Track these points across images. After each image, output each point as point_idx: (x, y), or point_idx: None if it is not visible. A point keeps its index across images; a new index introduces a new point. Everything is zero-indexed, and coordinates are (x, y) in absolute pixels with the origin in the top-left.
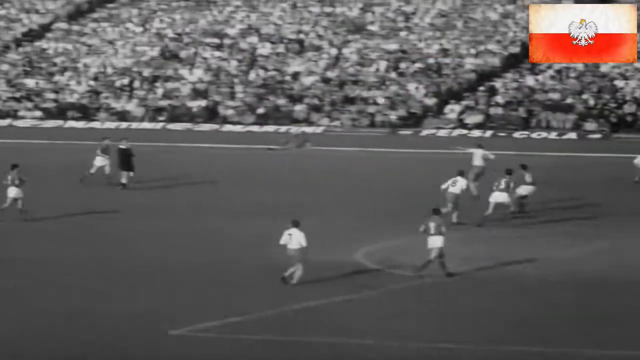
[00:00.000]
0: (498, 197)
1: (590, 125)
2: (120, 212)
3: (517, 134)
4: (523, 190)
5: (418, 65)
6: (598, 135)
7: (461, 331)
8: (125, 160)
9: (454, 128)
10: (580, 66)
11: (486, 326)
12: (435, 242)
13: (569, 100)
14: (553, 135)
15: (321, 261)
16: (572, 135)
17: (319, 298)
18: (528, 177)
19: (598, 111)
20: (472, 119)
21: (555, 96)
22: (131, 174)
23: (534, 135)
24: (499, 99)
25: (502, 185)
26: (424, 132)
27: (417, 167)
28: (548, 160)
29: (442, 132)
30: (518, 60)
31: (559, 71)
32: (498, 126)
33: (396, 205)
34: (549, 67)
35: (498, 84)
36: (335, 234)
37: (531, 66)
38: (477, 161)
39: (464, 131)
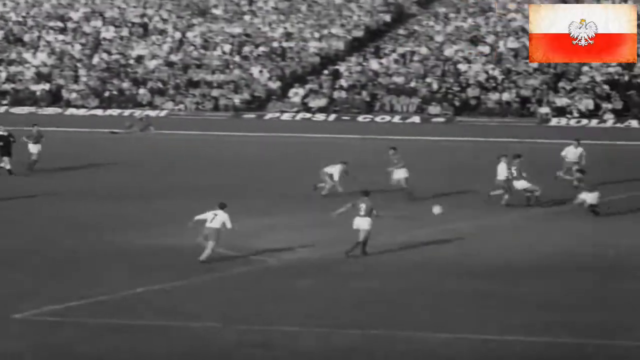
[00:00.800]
0: (522, 184)
1: (433, 109)
2: None
3: (360, 118)
4: (400, 173)
5: (262, 49)
6: (442, 119)
7: (304, 315)
8: (4, 146)
9: (297, 112)
10: (423, 50)
11: (324, 309)
12: (362, 223)
13: (412, 84)
14: (397, 118)
15: (167, 245)
16: (416, 118)
17: (163, 282)
18: (394, 159)
19: (442, 95)
20: (316, 102)
21: (399, 80)
22: (5, 159)
23: (378, 119)
24: (343, 82)
25: (514, 172)
26: (268, 116)
27: (260, 151)
28: (391, 144)
29: (285, 116)
30: (362, 44)
31: (402, 55)
32: (342, 110)
33: (241, 189)
34: (393, 50)
35: (342, 67)
36: (181, 217)
37: (375, 50)
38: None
39: (308, 115)
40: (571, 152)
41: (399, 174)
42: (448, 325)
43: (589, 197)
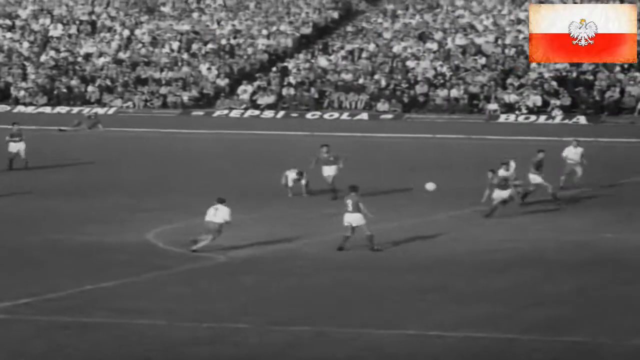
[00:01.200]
0: (535, 179)
1: (382, 106)
2: None
3: (309, 115)
4: (330, 170)
5: (210, 46)
6: (390, 116)
7: (252, 312)
8: None
9: (246, 109)
10: (371, 47)
11: (273, 306)
12: (352, 219)
13: (361, 81)
14: (345, 115)
15: (115, 242)
16: (364, 115)
17: (111, 279)
18: (329, 157)
19: (390, 91)
20: (265, 99)
21: (347, 77)
22: None
23: (326, 115)
24: (291, 79)
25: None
26: (217, 113)
27: (209, 148)
28: (340, 141)
29: (234, 113)
30: (310, 41)
31: (351, 52)
32: (290, 107)
33: (190, 186)
34: (341, 47)
35: (290, 64)
36: (129, 214)
37: (323, 47)
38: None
39: (256, 112)
40: (571, 152)
41: (328, 171)
42: (395, 321)
43: (503, 194)
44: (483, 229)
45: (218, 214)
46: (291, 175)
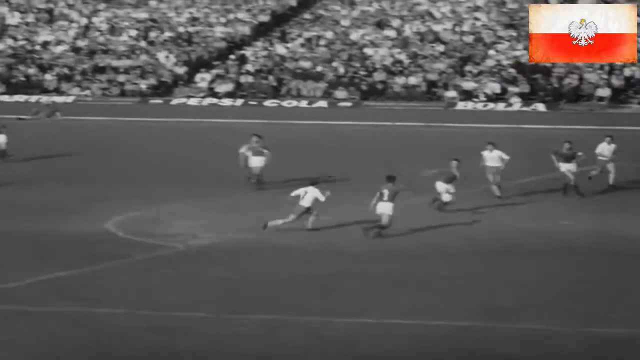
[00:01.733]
0: (567, 167)
1: (340, 94)
2: None
3: (267, 103)
4: (257, 162)
5: (168, 34)
6: (348, 103)
7: (211, 301)
8: None
9: (204, 97)
10: (329, 34)
11: (233, 294)
12: (385, 208)
13: (319, 69)
14: (304, 103)
15: (73, 231)
16: (323, 103)
17: (70, 268)
18: (259, 147)
19: (348, 79)
20: (223, 87)
21: (305, 64)
22: None
23: (285, 103)
24: (250, 67)
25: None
26: (175, 101)
27: (167, 136)
28: (298, 129)
29: (192, 101)
30: (268, 28)
31: (309, 39)
32: (249, 95)
33: (148, 174)
34: (299, 35)
35: (248, 52)
36: (88, 203)
37: (281, 34)
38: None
39: (215, 100)
40: (606, 149)
41: (256, 162)
42: (356, 310)
43: (443, 188)
44: (443, 218)
45: (307, 196)
46: (244, 147)
